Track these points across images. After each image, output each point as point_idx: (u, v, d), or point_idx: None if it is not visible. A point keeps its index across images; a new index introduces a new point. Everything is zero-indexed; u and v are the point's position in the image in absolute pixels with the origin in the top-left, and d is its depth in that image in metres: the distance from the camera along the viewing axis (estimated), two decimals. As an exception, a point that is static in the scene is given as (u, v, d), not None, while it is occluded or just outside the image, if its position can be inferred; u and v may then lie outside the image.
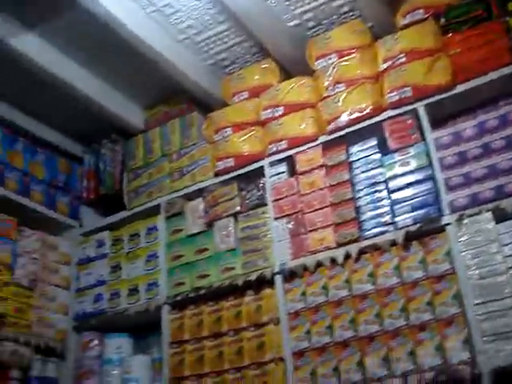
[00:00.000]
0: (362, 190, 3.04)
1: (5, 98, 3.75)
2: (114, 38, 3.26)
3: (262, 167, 3.37)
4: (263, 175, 3.35)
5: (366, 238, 2.94)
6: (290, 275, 3.07)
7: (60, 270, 3.76)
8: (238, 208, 3.33)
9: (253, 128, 3.48)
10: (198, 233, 3.43)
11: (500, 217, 2.70)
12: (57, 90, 3.62)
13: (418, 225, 2.84)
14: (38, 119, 3.96)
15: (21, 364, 3.32)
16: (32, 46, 3.32)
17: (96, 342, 3.65)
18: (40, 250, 3.64)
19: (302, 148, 3.29)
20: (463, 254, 2.69)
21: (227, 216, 3.34)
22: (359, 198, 3.03)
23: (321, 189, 3.14)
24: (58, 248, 3.80)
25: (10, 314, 3.33)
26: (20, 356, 3.31)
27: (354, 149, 3.14)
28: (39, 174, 3.82)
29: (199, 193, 3.53)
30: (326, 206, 3.08)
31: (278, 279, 3.09)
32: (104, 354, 3.61)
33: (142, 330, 3.67)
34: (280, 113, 3.41)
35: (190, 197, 3.56)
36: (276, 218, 3.20)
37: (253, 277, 3.15)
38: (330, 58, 3.34)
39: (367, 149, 3.11)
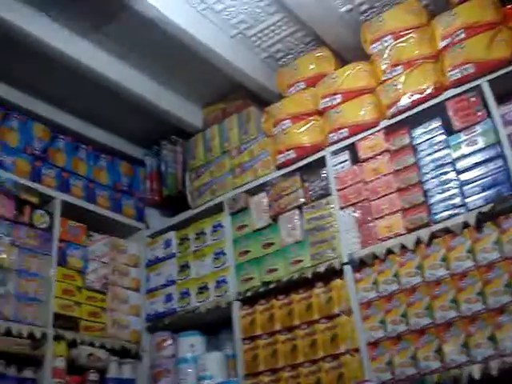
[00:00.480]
0: (428, 173, 2.95)
1: (67, 108, 3.83)
2: (167, 39, 3.29)
3: (323, 157, 3.32)
4: (325, 165, 3.30)
5: (437, 222, 2.84)
6: (360, 264, 3.01)
7: (130, 272, 3.83)
8: (302, 200, 3.29)
9: (312, 118, 3.43)
10: (264, 227, 3.41)
11: None
12: (115, 96, 3.67)
13: (490, 205, 2.72)
14: (99, 126, 4.03)
15: (98, 366, 3.39)
16: (87, 52, 3.39)
17: (169, 341, 3.69)
18: (109, 253, 3.72)
19: (363, 135, 3.22)
20: (541, 231, 2.58)
21: (292, 209, 3.31)
22: (426, 181, 2.94)
23: (385, 175, 3.06)
24: (127, 251, 3.87)
25: (85, 318, 3.41)
26: (96, 359, 3.38)
27: (418, 131, 3.05)
28: (103, 180, 3.90)
29: (262, 187, 3.51)
30: (393, 192, 3.00)
31: (348, 269, 3.03)
32: (178, 352, 3.65)
33: (214, 327, 3.68)
34: (338, 101, 3.35)
35: (253, 192, 3.55)
36: (342, 208, 3.15)
37: (321, 268, 3.10)
38: (386, 41, 3.26)
39: (431, 130, 3.00)
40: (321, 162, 3.32)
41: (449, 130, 2.96)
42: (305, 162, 3.39)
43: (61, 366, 3.18)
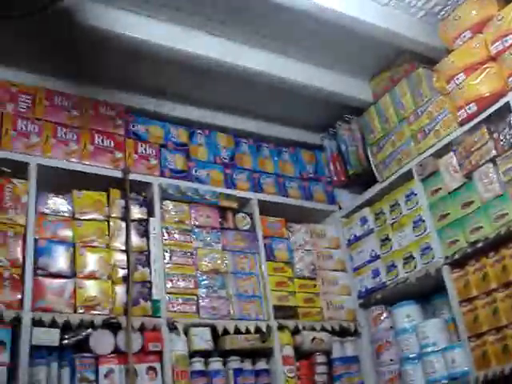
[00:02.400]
0: None
1: (242, 113, 4.02)
2: (320, 25, 3.31)
3: (507, 103, 3.15)
4: (511, 111, 3.14)
5: None
6: None
7: (333, 255, 3.94)
8: (494, 152, 3.14)
9: (486, 66, 3.26)
10: (459, 187, 3.32)
11: None
12: (283, 91, 3.77)
13: None
14: (275, 122, 4.17)
15: (322, 348, 3.54)
16: (247, 56, 3.53)
17: (385, 314, 3.74)
18: (310, 240, 3.86)
19: (547, 70, 3.02)
20: None
21: (485, 163, 3.18)
22: None
23: None
24: (326, 234, 3.98)
25: (301, 305, 3.58)
26: (320, 341, 3.53)
27: None
28: (290, 172, 4.06)
29: (448, 147, 3.41)
30: None
31: (559, 214, 2.87)
32: (395, 324, 3.69)
33: (425, 294, 3.67)
34: (511, 42, 3.16)
35: (439, 154, 3.46)
36: (540, 150, 2.98)
37: (529, 218, 2.97)
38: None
39: None
40: (505, 109, 3.16)
41: None
42: (488, 112, 3.24)
43: (289, 353, 3.37)
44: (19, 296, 2.71)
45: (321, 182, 4.18)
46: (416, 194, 3.57)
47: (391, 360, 3.63)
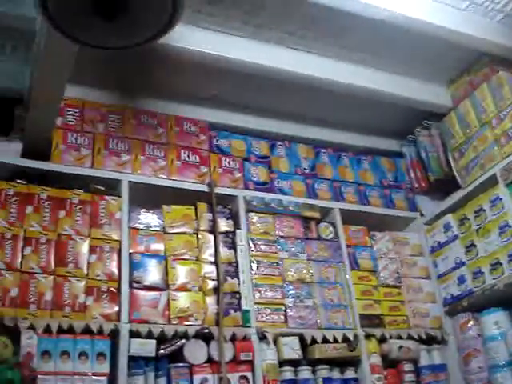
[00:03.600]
0: None
1: (321, 124, 4.07)
2: (397, 33, 3.32)
3: None
4: None
5: None
6: None
7: (417, 262, 3.90)
8: None
9: None
10: (547, 191, 3.26)
11: None
12: (362, 100, 3.79)
13: None
14: (353, 131, 4.20)
15: (409, 357, 3.51)
16: (329, 68, 3.57)
17: (472, 321, 3.67)
18: (394, 248, 3.85)
19: None
20: None
21: None
22: None
23: None
24: (409, 242, 3.95)
25: (387, 313, 3.58)
26: (407, 350, 3.50)
27: None
28: (370, 180, 4.07)
29: (536, 151, 3.36)
30: None
31: None
32: (483, 331, 3.62)
33: (513, 301, 3.60)
34: None
35: (528, 158, 3.40)
36: None
37: None
38: None
39: None
40: None
41: None
42: None
43: (376, 361, 3.37)
44: (116, 308, 2.84)
45: (401, 189, 4.17)
46: (501, 199, 3.50)
47: (480, 368, 3.56)
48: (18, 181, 2.96)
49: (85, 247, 2.92)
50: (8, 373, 2.29)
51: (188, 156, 3.45)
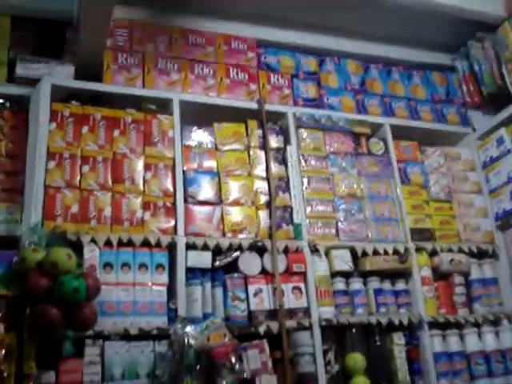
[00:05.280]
0: None
1: (369, 38, 3.98)
2: None
3: None
4: None
5: None
6: None
7: (469, 177, 3.87)
8: None
9: None
10: None
11: None
12: (409, 12, 3.69)
13: None
14: (403, 45, 4.09)
15: (460, 270, 3.54)
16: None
17: (524, 236, 3.68)
18: (445, 163, 3.82)
19: None
20: None
21: None
22: None
23: None
24: (461, 157, 3.91)
25: (438, 227, 3.59)
26: (458, 263, 3.53)
27: None
28: (421, 95, 4.00)
29: None
30: None
31: None
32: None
33: None
34: None
35: None
36: None
37: None
38: None
39: None
40: None
41: None
42: None
43: (427, 274, 3.42)
44: (173, 222, 2.94)
45: (453, 103, 4.09)
46: None
47: (531, 281, 3.59)
48: (73, 102, 3.04)
49: (140, 165, 3.00)
50: (74, 282, 2.40)
51: (237, 74, 3.46)
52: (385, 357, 3.14)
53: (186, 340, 2.48)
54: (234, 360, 2.46)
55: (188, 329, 2.55)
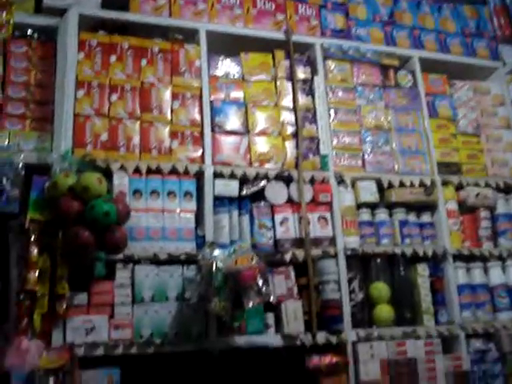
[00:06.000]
0: None
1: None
2: None
3: None
4: None
5: None
6: None
7: (498, 112, 3.82)
8: None
9: None
10: None
11: None
12: None
13: None
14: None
15: (486, 204, 3.52)
16: None
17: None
18: (474, 97, 3.77)
19: None
20: None
21: None
22: None
23: None
24: (490, 91, 3.85)
25: (465, 161, 3.57)
26: (483, 197, 3.52)
27: None
28: (451, 28, 3.92)
29: None
30: None
31: None
32: None
33: None
34: None
35: None
36: None
37: None
38: None
39: None
40: None
41: None
42: None
43: (453, 207, 3.42)
44: (200, 152, 2.97)
45: (484, 37, 4.00)
46: None
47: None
48: (100, 32, 3.04)
49: (167, 94, 3.01)
50: (105, 205, 2.45)
51: (264, 4, 3.40)
52: (409, 287, 3.18)
53: (215, 263, 2.53)
54: (260, 283, 2.51)
55: (216, 253, 2.60)
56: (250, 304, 2.49)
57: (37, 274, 2.48)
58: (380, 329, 3.00)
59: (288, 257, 2.93)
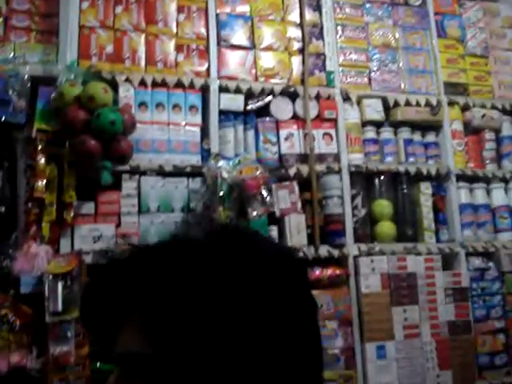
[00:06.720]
0: None
1: None
2: None
3: None
4: None
5: None
6: None
7: (507, 34, 3.75)
8: None
9: None
10: None
11: None
12: None
13: None
14: None
15: (491, 126, 3.51)
16: None
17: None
18: (484, 18, 3.70)
19: None
20: None
21: None
22: None
23: None
24: (500, 13, 3.78)
25: (472, 82, 3.54)
26: (489, 119, 3.51)
27: None
28: None
29: None
30: None
31: None
32: None
33: None
34: None
35: None
36: None
37: None
38: None
39: None
40: None
41: None
42: None
43: (458, 127, 3.41)
44: (206, 65, 2.95)
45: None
46: None
47: None
48: None
49: (172, 7, 2.97)
50: (111, 114, 2.47)
51: None
52: (411, 205, 3.21)
53: (219, 174, 2.56)
54: (264, 192, 2.54)
55: (221, 163, 2.63)
56: (254, 213, 2.54)
57: (44, 182, 2.52)
58: (381, 244, 3.06)
59: (292, 172, 2.95)
